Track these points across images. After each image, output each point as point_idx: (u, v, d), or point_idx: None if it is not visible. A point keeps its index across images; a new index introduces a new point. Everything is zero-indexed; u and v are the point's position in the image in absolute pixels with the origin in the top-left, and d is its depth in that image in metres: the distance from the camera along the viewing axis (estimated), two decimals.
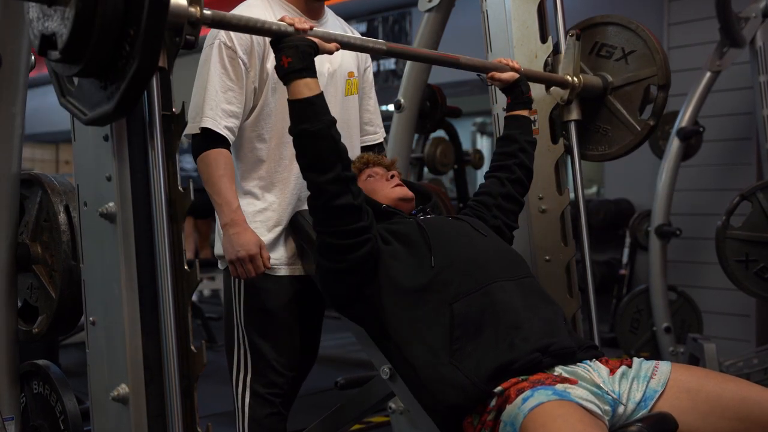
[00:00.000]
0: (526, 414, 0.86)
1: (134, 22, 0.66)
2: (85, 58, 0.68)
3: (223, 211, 1.12)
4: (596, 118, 1.40)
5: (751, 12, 2.14)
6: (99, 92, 0.71)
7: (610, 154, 1.41)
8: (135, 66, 0.66)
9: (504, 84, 1.21)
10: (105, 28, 0.66)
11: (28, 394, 0.99)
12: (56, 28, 0.68)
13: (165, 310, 0.85)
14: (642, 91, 1.36)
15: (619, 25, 1.38)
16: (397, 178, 1.19)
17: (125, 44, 0.67)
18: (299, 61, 0.94)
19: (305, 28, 0.95)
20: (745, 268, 1.59)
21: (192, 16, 0.79)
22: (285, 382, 1.18)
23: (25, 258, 0.96)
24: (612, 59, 1.38)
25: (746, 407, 0.92)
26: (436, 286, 0.99)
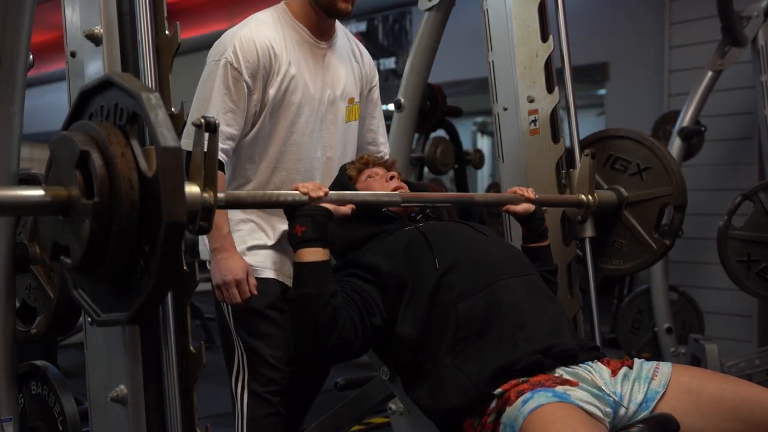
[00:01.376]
0: (526, 416, 0.86)
1: (149, 240, 0.64)
2: (99, 271, 0.66)
3: (212, 236, 1.11)
4: (611, 231, 1.40)
5: (753, 11, 2.13)
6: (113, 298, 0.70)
7: (625, 270, 1.41)
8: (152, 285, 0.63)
9: (519, 216, 1.17)
10: (120, 246, 0.64)
11: (26, 395, 0.99)
12: (69, 243, 0.66)
13: (164, 310, 0.84)
14: (658, 209, 1.36)
15: (635, 140, 1.38)
16: (396, 179, 1.19)
17: (140, 259, 0.65)
18: (313, 232, 0.93)
19: (320, 196, 0.93)
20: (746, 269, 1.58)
21: (206, 202, 0.76)
22: (282, 376, 1.17)
23: (24, 258, 0.96)
24: (627, 173, 1.38)
25: (748, 408, 0.92)
26: (442, 289, 0.99)
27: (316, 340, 0.94)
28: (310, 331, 0.95)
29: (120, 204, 0.63)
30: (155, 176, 0.63)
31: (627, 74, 2.97)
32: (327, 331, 0.94)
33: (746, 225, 1.59)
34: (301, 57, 1.18)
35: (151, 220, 0.64)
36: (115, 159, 0.64)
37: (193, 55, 4.14)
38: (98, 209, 0.63)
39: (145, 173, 0.64)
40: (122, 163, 0.64)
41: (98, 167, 0.64)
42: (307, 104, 1.18)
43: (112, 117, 0.68)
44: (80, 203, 0.64)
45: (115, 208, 0.64)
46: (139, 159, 0.65)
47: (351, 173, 1.19)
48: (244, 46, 1.12)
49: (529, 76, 1.36)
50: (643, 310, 2.44)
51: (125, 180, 0.64)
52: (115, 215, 0.64)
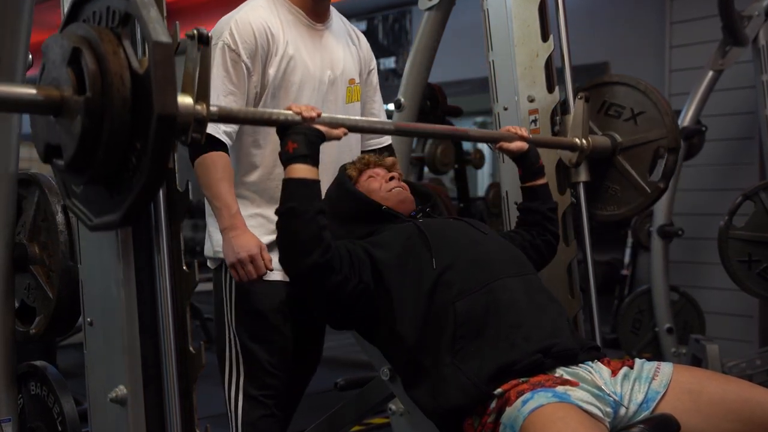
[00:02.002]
0: (526, 416, 0.86)
1: (141, 136, 0.64)
2: (91, 170, 0.67)
3: (222, 215, 1.10)
4: (605, 177, 1.39)
5: (754, 10, 2.12)
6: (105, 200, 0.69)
7: (619, 215, 1.41)
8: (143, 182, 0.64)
9: (513, 155, 1.18)
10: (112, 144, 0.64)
11: (25, 395, 0.99)
12: (61, 141, 0.66)
13: (163, 310, 0.84)
14: (651, 153, 1.35)
15: (629, 85, 1.38)
16: (397, 179, 1.18)
17: (132, 156, 0.65)
18: (305, 148, 0.93)
19: (312, 116, 0.93)
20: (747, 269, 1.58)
21: (198, 114, 0.76)
22: (279, 383, 1.16)
23: (23, 258, 0.96)
24: (621, 119, 1.38)
25: (749, 409, 0.91)
26: (440, 288, 0.99)
27: (299, 256, 0.93)
28: (293, 245, 0.93)
29: (112, 100, 0.63)
30: (147, 72, 0.62)
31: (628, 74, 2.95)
32: (310, 247, 0.93)
33: (747, 225, 1.58)
34: (299, 37, 1.17)
35: (143, 116, 0.63)
36: (107, 56, 0.63)
37: None
38: (90, 105, 0.63)
39: (137, 71, 0.64)
40: (114, 60, 0.64)
41: (90, 63, 0.63)
42: (308, 84, 1.17)
43: (105, 20, 0.68)
44: (72, 101, 0.64)
45: (107, 105, 0.63)
46: (131, 57, 0.64)
47: (351, 173, 1.18)
48: (240, 27, 1.11)
49: (529, 75, 1.36)
50: (644, 310, 2.43)
51: (117, 76, 0.63)
52: (107, 111, 0.63)
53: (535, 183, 1.20)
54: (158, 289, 0.85)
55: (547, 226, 1.19)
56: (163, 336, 0.85)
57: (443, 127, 1.39)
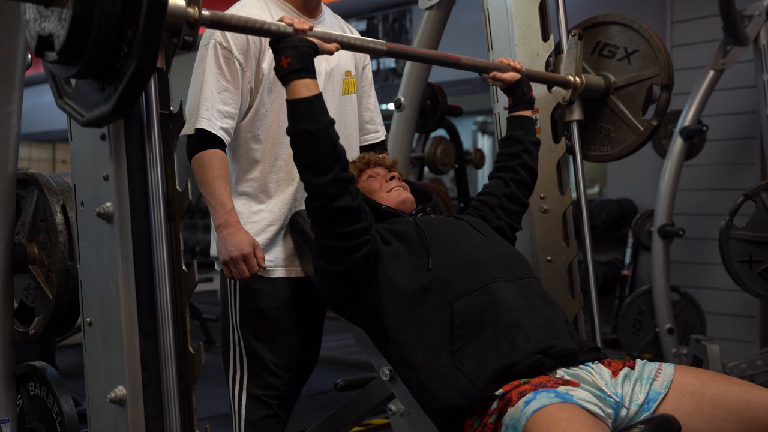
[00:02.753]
0: (529, 417, 0.85)
1: (132, 23, 0.65)
2: (83, 59, 0.67)
3: (216, 212, 1.11)
4: (599, 118, 1.39)
5: (755, 10, 2.12)
6: (97, 94, 0.71)
7: (612, 155, 1.40)
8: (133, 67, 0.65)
9: (505, 84, 1.20)
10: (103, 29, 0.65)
11: (24, 396, 0.98)
12: (53, 30, 0.67)
13: (163, 311, 0.84)
14: (645, 91, 1.35)
15: (622, 24, 1.37)
16: (397, 179, 1.18)
17: (123, 45, 0.66)
18: (299, 62, 0.93)
19: (305, 29, 0.94)
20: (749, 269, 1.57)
21: (190, 16, 0.78)
22: (282, 383, 1.16)
23: (22, 258, 0.96)
24: (614, 59, 1.37)
25: (750, 410, 0.91)
26: (436, 286, 0.99)
27: (321, 172, 0.95)
28: (313, 163, 0.95)
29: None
30: None
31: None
32: (330, 162, 0.95)
33: (748, 225, 1.58)
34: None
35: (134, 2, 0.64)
36: None
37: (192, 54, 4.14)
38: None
39: None
40: None
41: None
42: None
43: None
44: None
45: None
46: None
47: (352, 173, 1.18)
48: None
49: None
50: (645, 310, 2.43)
51: None
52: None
53: (522, 113, 1.21)
54: (157, 290, 0.85)
55: (525, 159, 1.20)
56: (162, 336, 0.84)
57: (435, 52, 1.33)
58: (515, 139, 1.21)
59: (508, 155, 1.21)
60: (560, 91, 1.34)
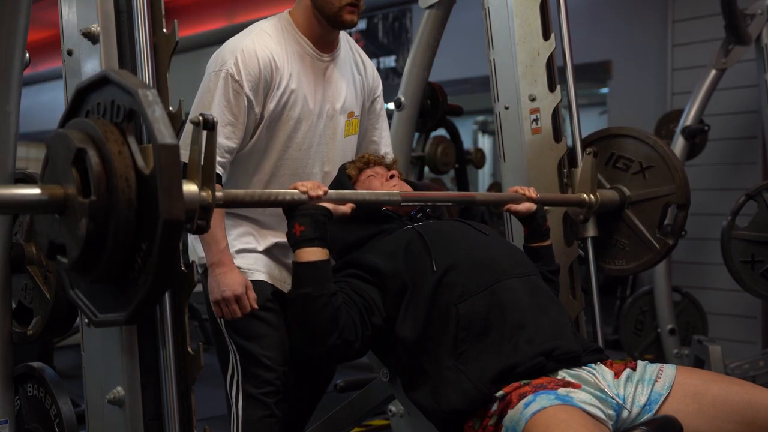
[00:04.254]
0: (528, 419, 0.85)
1: (147, 238, 0.63)
2: (96, 271, 0.66)
3: (210, 249, 1.10)
4: (614, 231, 1.39)
5: (757, 9, 2.12)
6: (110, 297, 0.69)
7: (628, 270, 1.41)
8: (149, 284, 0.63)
9: (521, 216, 1.16)
10: (117, 246, 0.63)
11: (22, 396, 0.98)
12: (66, 241, 0.66)
13: (162, 311, 0.83)
14: (661, 207, 1.35)
15: (637, 138, 1.37)
16: (397, 178, 1.18)
17: (137, 257, 0.64)
18: (312, 231, 0.92)
19: (319, 195, 0.93)
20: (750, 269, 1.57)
21: (204, 201, 0.75)
22: (276, 377, 1.15)
23: (20, 259, 0.95)
24: (629, 172, 1.37)
25: (752, 410, 0.91)
26: (442, 290, 0.98)
27: (317, 340, 0.94)
28: (310, 331, 0.94)
29: (117, 202, 0.63)
30: (152, 174, 0.62)
31: (630, 72, 2.95)
32: (328, 331, 0.93)
33: (750, 225, 1.57)
34: (302, 71, 1.16)
35: (149, 218, 0.63)
36: (112, 156, 0.63)
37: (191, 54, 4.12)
38: (95, 208, 0.63)
39: (143, 171, 0.63)
40: (119, 160, 0.63)
41: (95, 165, 0.63)
42: (306, 119, 1.17)
43: (109, 114, 0.67)
44: (77, 202, 0.64)
45: (112, 207, 0.63)
46: (136, 156, 0.64)
47: (351, 173, 1.18)
48: (246, 58, 1.10)
49: (530, 74, 1.35)
50: (646, 311, 2.42)
51: (122, 178, 0.63)
52: (112, 214, 0.63)
53: (540, 244, 1.18)
54: None
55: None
56: (161, 337, 0.84)
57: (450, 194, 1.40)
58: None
59: None
60: (576, 210, 1.33)
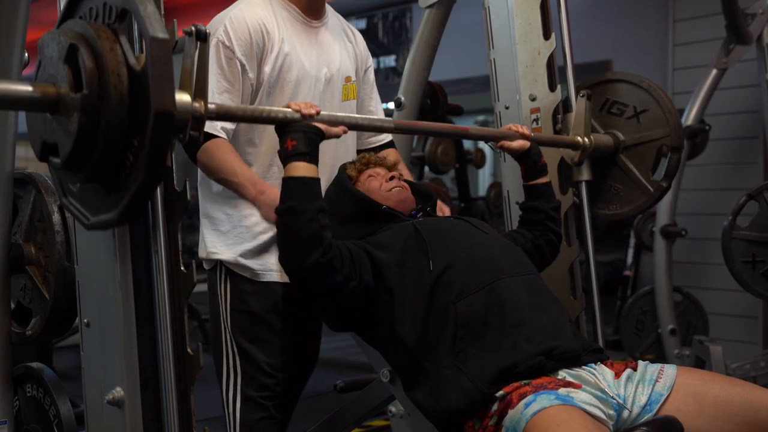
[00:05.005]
0: (529, 419, 0.85)
1: (138, 133, 0.63)
2: (88, 168, 0.66)
3: (245, 186, 1.09)
4: (608, 176, 1.38)
5: (758, 8, 2.11)
6: (102, 199, 0.69)
7: (622, 214, 1.40)
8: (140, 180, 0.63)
9: (515, 153, 1.16)
10: (108, 141, 0.63)
11: (21, 397, 0.98)
12: (58, 139, 0.66)
13: (161, 311, 0.83)
14: (655, 152, 1.34)
15: (631, 83, 1.37)
16: (397, 178, 1.17)
17: (129, 154, 0.64)
18: (305, 146, 0.92)
19: (312, 114, 0.92)
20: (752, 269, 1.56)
21: (197, 111, 0.75)
22: (276, 383, 1.15)
23: (19, 259, 0.95)
24: (623, 117, 1.37)
25: (753, 411, 0.90)
26: (440, 288, 0.98)
27: (300, 254, 0.92)
28: (294, 244, 0.92)
29: (109, 97, 0.63)
30: (144, 69, 0.62)
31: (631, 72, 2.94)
32: (311, 246, 0.92)
33: (751, 225, 1.57)
34: (294, 35, 1.16)
35: (140, 113, 0.62)
36: (104, 53, 0.63)
37: None
38: (87, 102, 0.62)
39: (134, 67, 0.63)
40: (111, 57, 0.63)
41: (87, 61, 0.63)
42: (304, 82, 1.16)
43: (101, 17, 0.67)
44: (69, 98, 0.63)
45: (104, 102, 0.62)
46: (128, 54, 0.64)
47: (351, 173, 1.17)
48: (235, 25, 1.10)
49: (530, 74, 1.35)
50: (647, 311, 2.42)
51: (114, 74, 0.63)
52: (104, 109, 0.63)
53: (537, 181, 1.18)
54: (156, 290, 0.84)
55: (550, 226, 1.18)
56: (160, 337, 0.84)
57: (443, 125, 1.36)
58: (536, 209, 1.18)
59: (532, 223, 1.18)
60: (569, 152, 1.32)
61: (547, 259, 1.19)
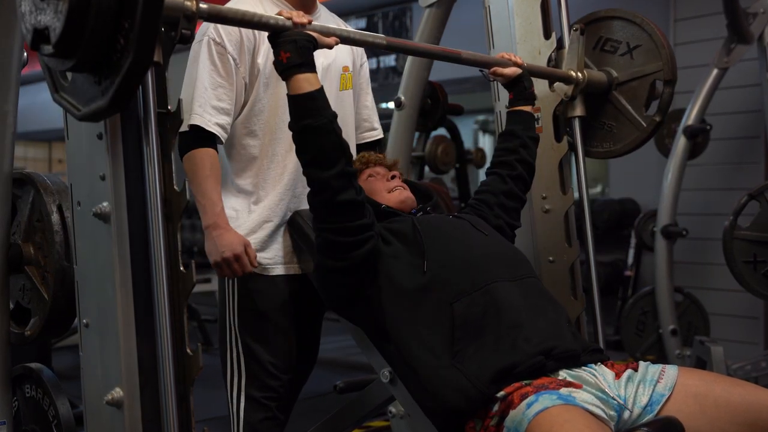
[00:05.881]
0: (531, 419, 0.84)
1: (129, 15, 0.64)
2: (79, 52, 0.67)
3: (206, 212, 1.10)
4: (601, 114, 1.37)
5: (759, 7, 2.11)
6: (93, 87, 0.70)
7: (615, 151, 1.38)
8: (130, 60, 0.64)
9: (506, 79, 1.19)
10: (99, 21, 0.64)
11: (20, 398, 0.98)
12: (49, 22, 0.66)
13: (160, 312, 0.83)
14: (648, 87, 1.33)
15: (624, 19, 1.36)
16: (398, 178, 1.17)
17: (120, 37, 0.65)
18: (298, 56, 0.93)
19: (303, 22, 0.93)
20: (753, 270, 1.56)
21: (188, 9, 0.77)
22: (280, 385, 1.16)
23: (17, 259, 0.95)
24: (617, 54, 1.36)
25: (754, 412, 0.90)
26: (436, 286, 0.98)
27: (326, 166, 0.94)
28: (318, 158, 0.95)
29: None
30: None
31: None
32: (335, 155, 0.95)
33: (752, 225, 1.56)
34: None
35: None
36: None
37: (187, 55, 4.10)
38: None
39: None
40: None
41: None
42: None
43: None
44: None
45: None
46: None
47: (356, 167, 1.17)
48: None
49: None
50: (648, 311, 2.42)
51: None
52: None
53: (522, 108, 1.20)
54: (155, 290, 0.84)
55: (522, 154, 1.18)
56: (159, 338, 0.83)
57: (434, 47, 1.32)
58: (513, 134, 1.20)
59: (506, 150, 1.20)
60: (562, 88, 1.32)
61: (521, 197, 1.19)
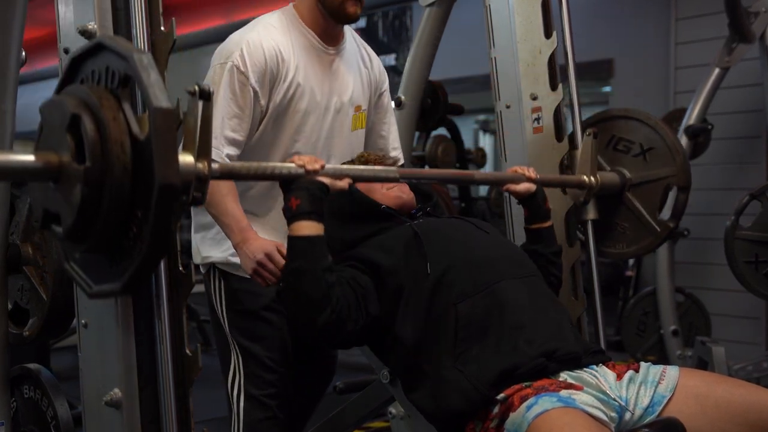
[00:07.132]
0: (531, 422, 0.84)
1: (142, 205, 0.62)
2: (90, 239, 0.65)
3: (233, 231, 1.08)
4: (614, 214, 1.38)
5: (761, 7, 2.10)
6: (105, 267, 0.68)
7: (629, 253, 1.40)
8: (144, 252, 0.62)
9: (520, 196, 1.15)
10: (111, 213, 0.63)
11: (18, 398, 0.98)
12: (60, 209, 0.65)
13: (159, 312, 0.83)
14: (661, 191, 1.35)
15: (638, 120, 1.37)
16: None
17: (132, 225, 0.64)
18: (308, 205, 0.91)
19: (316, 169, 0.91)
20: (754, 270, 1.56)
21: (200, 172, 0.74)
22: (278, 378, 1.15)
23: (16, 259, 0.95)
24: (630, 154, 1.37)
25: (755, 412, 0.90)
26: (440, 290, 0.97)
27: (309, 315, 0.91)
28: (303, 305, 0.92)
29: (112, 168, 0.62)
30: (147, 139, 0.61)
31: (632, 71, 2.93)
32: (320, 306, 0.91)
33: (754, 225, 1.56)
34: (309, 63, 1.16)
35: (144, 184, 0.62)
36: (107, 122, 0.62)
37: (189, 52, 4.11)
38: (90, 174, 0.62)
39: (138, 136, 0.62)
40: (114, 126, 0.62)
41: (90, 131, 0.62)
42: (313, 112, 1.16)
43: (104, 81, 0.66)
44: (71, 168, 0.63)
45: (107, 173, 0.62)
46: (131, 122, 0.63)
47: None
48: (251, 49, 1.10)
49: (532, 73, 1.34)
50: (649, 312, 2.41)
51: (117, 144, 0.62)
52: (107, 180, 0.62)
53: (540, 225, 1.16)
54: (154, 291, 0.83)
55: (551, 270, 1.16)
56: (159, 338, 0.83)
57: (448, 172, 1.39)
58: (537, 254, 1.16)
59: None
60: (575, 192, 1.32)
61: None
